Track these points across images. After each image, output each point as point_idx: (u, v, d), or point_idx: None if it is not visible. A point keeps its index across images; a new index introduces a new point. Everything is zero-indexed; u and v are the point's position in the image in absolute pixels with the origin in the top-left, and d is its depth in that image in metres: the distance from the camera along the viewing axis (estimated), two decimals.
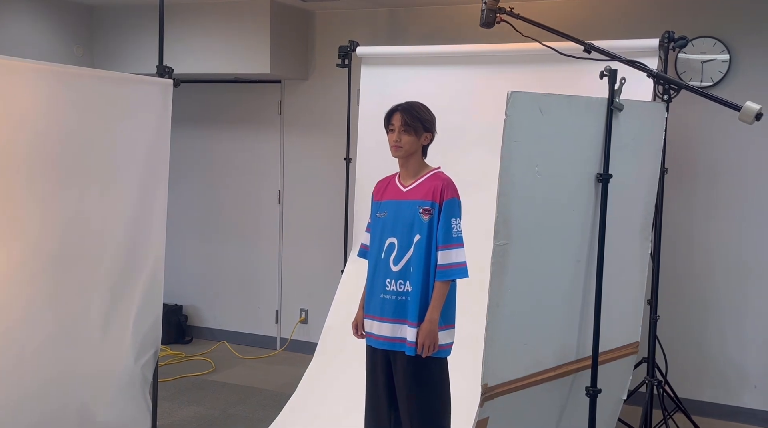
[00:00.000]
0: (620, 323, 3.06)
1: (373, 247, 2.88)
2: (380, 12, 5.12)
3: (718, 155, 4.37)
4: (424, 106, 2.86)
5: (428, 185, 2.78)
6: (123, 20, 5.39)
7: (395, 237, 2.78)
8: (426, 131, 2.83)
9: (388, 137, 2.84)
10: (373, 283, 2.84)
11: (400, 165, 2.89)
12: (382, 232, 2.83)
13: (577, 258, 2.78)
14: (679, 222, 4.42)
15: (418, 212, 2.75)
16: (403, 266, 2.75)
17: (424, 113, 2.83)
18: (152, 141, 3.88)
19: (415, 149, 2.82)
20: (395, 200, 2.83)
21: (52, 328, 3.13)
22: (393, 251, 2.78)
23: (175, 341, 5.62)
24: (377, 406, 2.85)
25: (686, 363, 4.43)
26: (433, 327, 2.66)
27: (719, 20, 4.30)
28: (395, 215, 2.80)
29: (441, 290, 2.68)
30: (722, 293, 4.39)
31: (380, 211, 2.86)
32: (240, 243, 5.70)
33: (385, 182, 2.94)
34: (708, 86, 4.30)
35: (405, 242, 2.75)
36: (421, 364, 2.71)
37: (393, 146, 2.81)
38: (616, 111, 2.74)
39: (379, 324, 2.80)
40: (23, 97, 2.97)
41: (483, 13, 3.07)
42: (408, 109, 2.81)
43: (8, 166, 2.89)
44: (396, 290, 2.76)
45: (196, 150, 5.77)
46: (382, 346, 2.80)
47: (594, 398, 2.75)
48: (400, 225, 2.78)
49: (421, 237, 2.73)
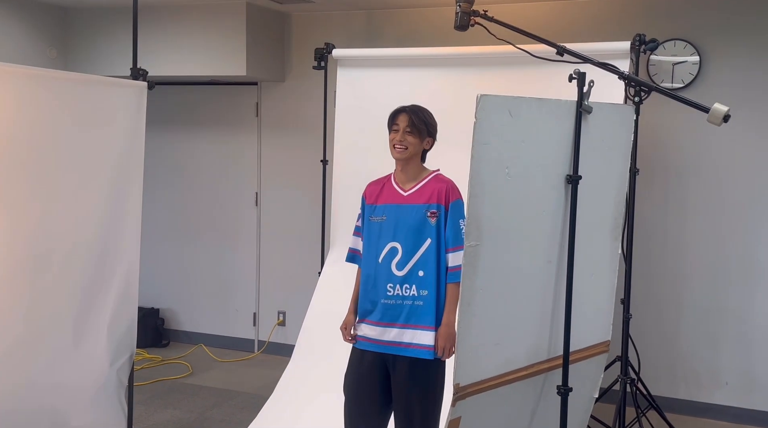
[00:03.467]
0: (591, 322, 3.09)
1: (369, 251, 2.85)
2: (356, 14, 5.14)
3: (690, 155, 4.43)
4: (428, 111, 2.89)
5: (431, 188, 2.80)
6: (97, 22, 5.36)
7: (398, 242, 2.77)
8: (429, 135, 2.86)
9: (391, 136, 2.83)
10: (370, 288, 2.83)
11: (399, 168, 2.88)
12: (380, 236, 2.81)
13: (547, 259, 2.81)
14: (652, 222, 4.49)
15: (425, 217, 2.76)
16: (409, 271, 2.75)
17: (429, 117, 2.86)
18: (126, 144, 3.86)
19: (417, 152, 2.84)
20: (395, 204, 2.81)
21: (21, 333, 3.10)
22: (395, 256, 2.77)
23: (152, 344, 5.60)
24: (366, 411, 2.83)
25: (659, 361, 4.49)
26: (452, 330, 2.69)
27: (690, 23, 4.36)
28: (396, 220, 2.79)
29: (455, 292, 2.70)
30: (694, 291, 4.46)
31: (375, 215, 2.84)
32: (217, 246, 5.68)
33: (379, 185, 2.91)
34: (679, 88, 4.36)
35: (410, 247, 2.75)
36: (428, 368, 2.74)
37: (396, 146, 2.81)
38: (585, 113, 2.78)
39: (381, 329, 2.79)
40: None
41: (457, 16, 3.10)
42: (415, 111, 2.83)
43: None
44: (401, 295, 2.75)
45: (173, 153, 5.75)
46: (383, 350, 2.79)
47: (565, 397, 2.78)
48: (403, 229, 2.77)
49: (431, 241, 2.75)
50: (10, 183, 3.04)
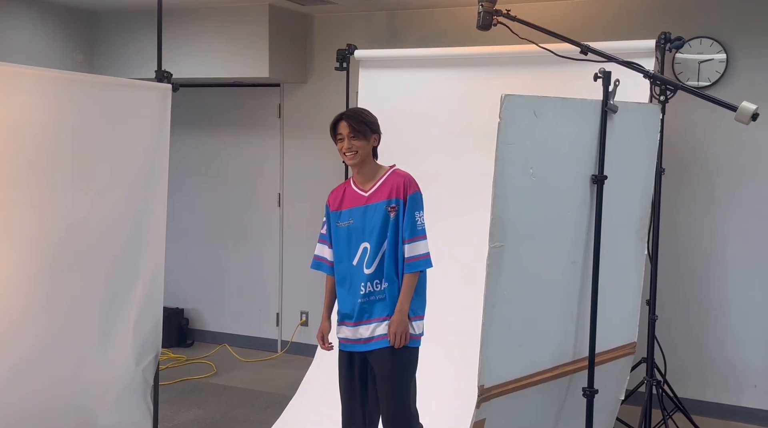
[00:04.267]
0: (617, 323, 3.07)
1: (340, 256, 2.89)
2: (378, 15, 5.14)
3: (717, 154, 4.37)
4: (365, 109, 2.93)
5: (390, 184, 2.82)
6: (123, 26, 5.42)
7: (368, 242, 2.81)
8: (373, 132, 2.88)
9: (338, 146, 2.88)
10: (346, 291, 2.86)
11: (356, 172, 2.92)
12: (351, 239, 2.85)
13: (572, 259, 2.79)
14: (678, 222, 4.43)
15: (387, 212, 2.80)
16: (377, 267, 2.79)
17: (367, 116, 2.89)
18: (151, 146, 3.90)
19: (367, 152, 2.86)
20: (359, 207, 2.85)
21: (50, 332, 3.15)
22: (366, 255, 2.81)
23: (177, 344, 5.64)
24: (353, 410, 2.90)
25: (686, 363, 4.43)
26: (404, 318, 2.74)
27: (716, 20, 4.30)
28: (363, 221, 2.83)
29: (410, 282, 2.75)
30: (721, 292, 4.39)
31: (342, 220, 2.88)
32: (241, 246, 5.72)
33: (340, 191, 2.95)
34: (705, 86, 4.30)
35: (377, 244, 2.79)
36: (397, 354, 2.76)
37: (346, 153, 2.85)
38: (610, 113, 2.76)
39: (356, 328, 2.83)
40: (22, 103, 2.98)
41: (480, 15, 3.09)
42: (352, 115, 2.87)
43: (7, 171, 2.91)
44: (373, 291, 2.80)
45: (196, 154, 5.79)
46: (364, 348, 2.83)
47: (591, 398, 2.76)
48: (370, 229, 2.81)
49: (389, 235, 2.79)
50: (38, 185, 3.08)
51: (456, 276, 3.53)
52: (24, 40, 5.05)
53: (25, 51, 5.01)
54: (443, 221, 3.88)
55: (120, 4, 5.18)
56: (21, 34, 5.04)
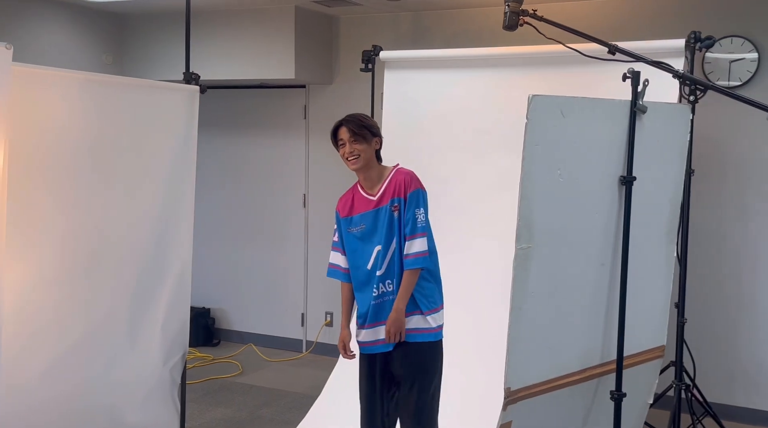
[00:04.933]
0: (645, 326, 3.03)
1: (356, 262, 2.89)
2: (403, 16, 5.14)
3: (747, 155, 4.30)
4: (363, 114, 2.93)
5: (393, 183, 2.82)
6: (151, 28, 5.48)
7: (380, 244, 2.82)
8: (374, 136, 2.88)
9: (340, 152, 2.88)
10: (363, 296, 2.87)
11: (361, 177, 2.92)
12: (365, 244, 2.86)
13: (601, 261, 2.76)
14: (708, 224, 4.37)
15: (391, 211, 2.80)
16: (387, 267, 2.80)
17: (366, 119, 2.89)
18: (179, 147, 3.94)
19: (370, 156, 2.86)
20: (369, 211, 2.86)
21: (81, 331, 3.19)
22: (379, 258, 2.82)
23: (203, 343, 5.69)
24: (373, 413, 2.89)
25: (715, 367, 4.36)
26: (400, 316, 2.73)
27: (748, 19, 4.23)
28: (374, 224, 2.84)
29: (409, 279, 2.74)
30: (752, 295, 4.32)
31: (353, 226, 2.89)
32: (266, 247, 5.75)
33: (349, 198, 2.96)
34: (736, 86, 4.24)
35: (387, 245, 2.80)
36: (418, 350, 2.76)
37: (349, 158, 2.85)
38: (639, 113, 2.72)
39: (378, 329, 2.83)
40: (52, 104, 3.03)
41: (506, 15, 3.07)
42: (351, 120, 2.86)
43: (37, 172, 2.96)
44: (384, 291, 2.81)
45: (223, 155, 5.84)
46: (384, 349, 2.83)
47: (619, 402, 2.73)
48: (381, 231, 2.81)
49: (396, 234, 2.79)
50: (68, 186, 3.13)
51: (482, 278, 3.51)
52: (54, 42, 5.13)
53: (55, 53, 5.09)
54: (468, 221, 3.87)
55: (148, 7, 5.25)
56: (52, 37, 5.12)
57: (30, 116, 2.90)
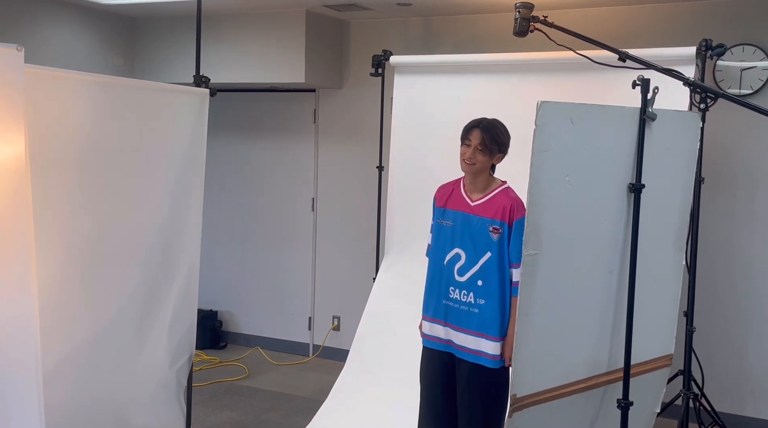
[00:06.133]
0: (653, 334, 3.01)
1: (435, 251, 2.94)
2: (413, 21, 5.14)
3: (758, 163, 4.28)
4: (503, 127, 2.90)
5: (498, 203, 2.83)
6: (162, 31, 5.52)
7: (462, 249, 2.85)
8: (500, 151, 2.88)
9: (462, 149, 2.88)
10: (433, 285, 2.92)
11: (468, 179, 2.94)
12: (446, 240, 2.90)
13: (608, 269, 2.75)
14: (717, 232, 4.34)
15: (488, 231, 2.81)
16: (469, 278, 2.82)
17: (502, 135, 2.87)
18: (188, 149, 3.95)
19: (485, 167, 2.88)
20: (462, 212, 2.88)
21: (88, 332, 3.20)
22: (458, 261, 2.85)
23: (210, 346, 5.70)
24: (434, 407, 2.91)
25: (724, 376, 4.33)
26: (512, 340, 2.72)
27: (759, 27, 4.22)
28: (462, 228, 2.87)
29: (516, 305, 2.74)
30: (761, 304, 4.29)
31: (444, 218, 2.93)
32: (274, 250, 5.76)
33: (449, 189, 2.98)
34: (748, 94, 4.22)
35: (472, 256, 2.82)
36: (489, 375, 2.79)
37: (466, 161, 2.86)
38: (648, 121, 2.71)
39: (439, 327, 2.88)
40: (62, 106, 3.05)
41: (516, 21, 3.07)
42: (489, 128, 2.85)
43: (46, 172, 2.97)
44: (460, 300, 2.84)
45: (232, 158, 5.86)
46: (437, 347, 2.88)
47: (626, 411, 2.71)
48: (467, 238, 2.84)
49: (491, 255, 2.81)
50: (78, 186, 3.14)
51: None
52: (65, 44, 5.17)
53: (66, 55, 5.13)
54: None
55: (159, 10, 5.28)
56: (63, 39, 5.15)
57: (40, 118, 2.92)
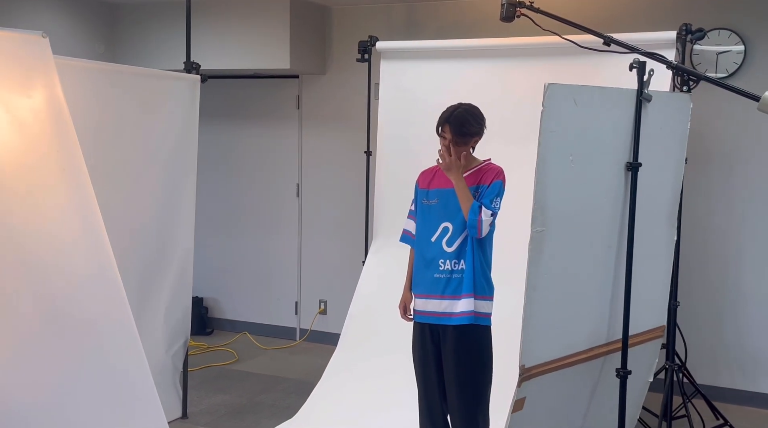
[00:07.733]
0: (647, 307, 3.15)
1: (422, 232, 2.99)
2: (397, 7, 5.19)
3: (734, 144, 4.45)
4: (473, 114, 2.89)
5: (478, 174, 2.89)
6: (144, 18, 5.45)
7: (449, 222, 2.90)
8: (475, 135, 2.91)
9: (440, 141, 2.92)
10: (424, 264, 2.96)
11: None
12: (433, 218, 2.95)
13: (607, 244, 2.86)
14: (698, 210, 4.50)
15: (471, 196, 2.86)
16: (458, 247, 2.87)
17: (472, 126, 2.87)
18: (180, 135, 3.95)
19: (465, 152, 2.92)
20: (446, 189, 2.93)
21: None
22: (447, 234, 2.90)
23: (197, 332, 5.67)
24: (429, 382, 2.95)
25: (705, 349, 4.51)
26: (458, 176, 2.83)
27: (734, 12, 4.37)
28: (447, 202, 2.92)
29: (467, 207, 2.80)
30: (739, 279, 4.47)
31: (428, 199, 2.99)
32: (259, 236, 5.77)
33: (431, 172, 3.04)
34: (723, 77, 4.38)
35: (459, 226, 2.86)
36: (467, 333, 2.83)
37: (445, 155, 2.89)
38: (644, 102, 2.83)
39: (433, 301, 2.92)
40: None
41: (503, 7, 3.14)
42: (458, 123, 2.85)
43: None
44: (450, 269, 2.88)
45: (215, 144, 5.83)
46: (434, 321, 2.92)
47: (624, 379, 2.84)
48: (453, 210, 2.89)
49: None
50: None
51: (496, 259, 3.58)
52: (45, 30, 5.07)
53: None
54: None
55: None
56: (43, 25, 5.05)
57: None
